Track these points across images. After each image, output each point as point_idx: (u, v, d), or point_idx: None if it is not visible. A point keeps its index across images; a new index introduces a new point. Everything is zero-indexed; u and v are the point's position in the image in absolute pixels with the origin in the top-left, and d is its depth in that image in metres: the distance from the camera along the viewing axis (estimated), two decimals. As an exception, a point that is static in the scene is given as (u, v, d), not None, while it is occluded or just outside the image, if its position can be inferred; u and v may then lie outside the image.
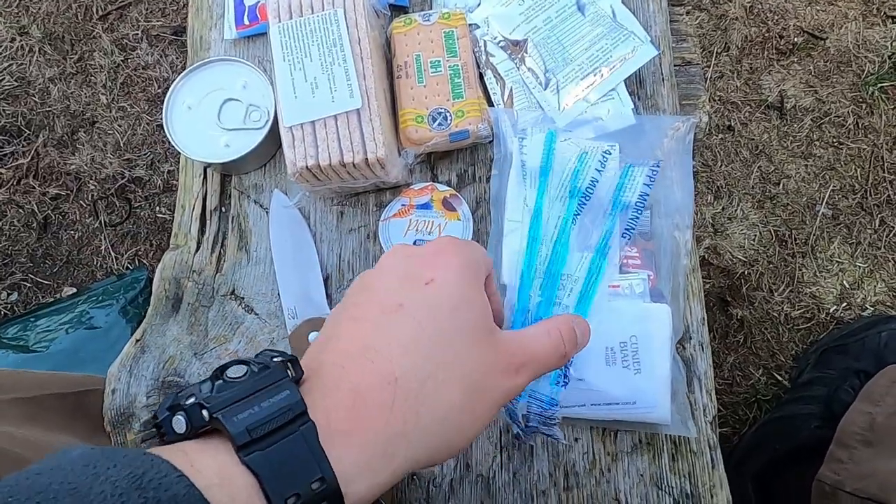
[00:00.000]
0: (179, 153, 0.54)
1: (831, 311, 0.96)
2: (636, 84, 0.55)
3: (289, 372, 0.26)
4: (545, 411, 0.43)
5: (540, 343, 0.31)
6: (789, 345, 0.95)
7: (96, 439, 0.58)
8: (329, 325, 0.31)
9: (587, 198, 0.48)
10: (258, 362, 0.27)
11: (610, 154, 0.50)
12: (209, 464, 0.23)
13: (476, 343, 0.29)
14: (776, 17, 1.09)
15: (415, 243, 0.50)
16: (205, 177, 0.56)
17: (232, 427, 0.23)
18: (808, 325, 0.95)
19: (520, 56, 0.54)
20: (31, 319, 1.02)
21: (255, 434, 0.23)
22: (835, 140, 1.03)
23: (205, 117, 0.53)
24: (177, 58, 1.18)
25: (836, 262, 0.98)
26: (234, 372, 0.26)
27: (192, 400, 0.24)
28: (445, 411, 0.27)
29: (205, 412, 0.24)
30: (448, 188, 0.52)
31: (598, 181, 0.49)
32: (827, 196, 1.00)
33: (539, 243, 0.48)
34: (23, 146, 1.15)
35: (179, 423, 0.24)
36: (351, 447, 0.25)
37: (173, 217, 0.57)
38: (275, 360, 0.27)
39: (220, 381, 0.25)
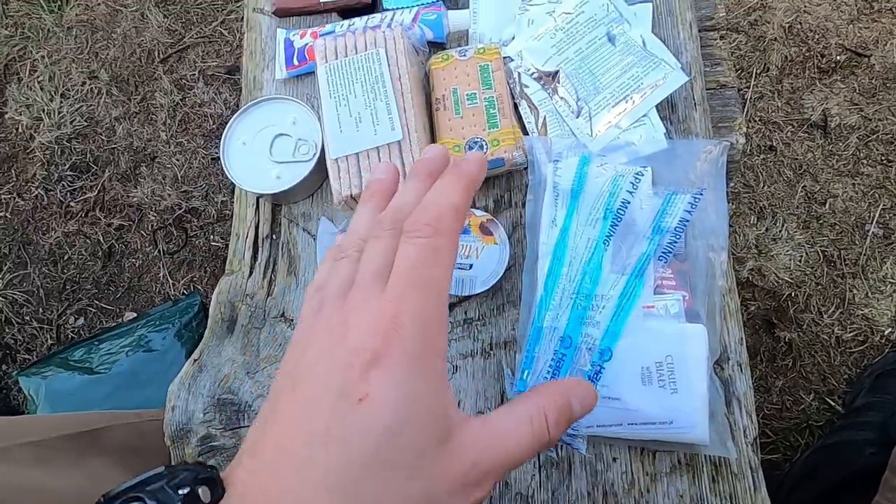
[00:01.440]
0: (234, 185, 0.58)
1: (886, 333, 0.92)
2: (668, 109, 0.56)
3: None
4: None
5: (516, 436, 0.26)
6: (842, 368, 0.92)
7: (110, 476, 0.61)
8: (257, 424, 0.26)
9: (619, 219, 0.49)
10: (157, 497, 0.23)
11: (642, 175, 0.51)
12: None
13: (421, 466, 0.24)
14: (817, 37, 1.08)
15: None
16: (257, 207, 0.60)
17: None
18: (862, 347, 0.92)
19: (552, 86, 0.56)
20: (96, 343, 1.08)
21: None
22: (883, 158, 1.00)
23: (258, 152, 0.57)
24: (230, 95, 1.25)
25: (890, 282, 0.95)
26: None
27: None
28: None
29: None
30: (485, 213, 0.54)
31: (629, 202, 0.50)
32: (877, 215, 0.98)
33: (563, 264, 0.49)
34: (90, 181, 1.24)
35: None
36: None
37: (226, 245, 0.61)
38: (181, 491, 0.23)
39: None
